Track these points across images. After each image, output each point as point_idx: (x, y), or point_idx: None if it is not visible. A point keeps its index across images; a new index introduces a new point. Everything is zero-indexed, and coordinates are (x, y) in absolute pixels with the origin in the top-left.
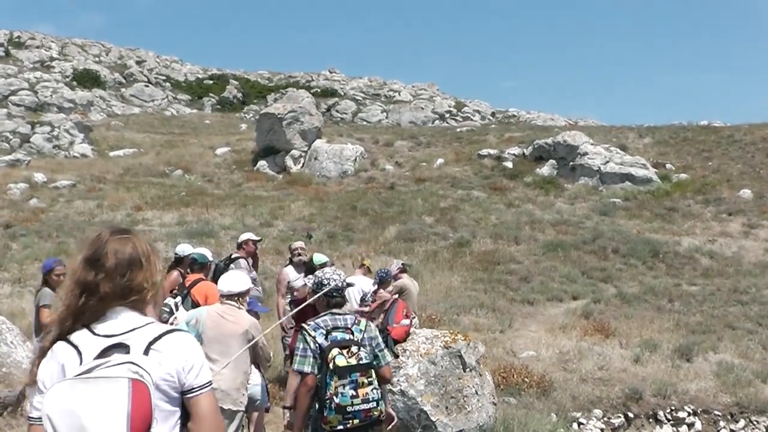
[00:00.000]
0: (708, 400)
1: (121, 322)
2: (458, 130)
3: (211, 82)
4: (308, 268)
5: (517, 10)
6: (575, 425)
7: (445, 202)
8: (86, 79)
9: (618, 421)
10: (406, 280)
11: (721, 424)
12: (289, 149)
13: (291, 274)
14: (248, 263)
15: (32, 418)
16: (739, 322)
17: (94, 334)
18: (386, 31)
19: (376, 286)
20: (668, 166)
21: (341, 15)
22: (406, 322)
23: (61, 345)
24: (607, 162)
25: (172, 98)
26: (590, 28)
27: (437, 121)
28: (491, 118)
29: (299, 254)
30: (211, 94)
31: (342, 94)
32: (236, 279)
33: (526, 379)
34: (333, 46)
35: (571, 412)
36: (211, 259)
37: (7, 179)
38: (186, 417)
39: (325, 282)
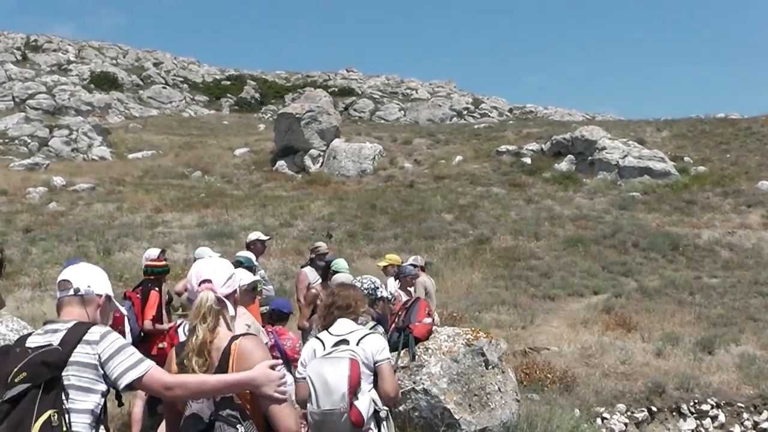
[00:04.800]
0: (731, 393)
1: (345, 327)
2: (476, 126)
3: (228, 82)
4: (325, 269)
5: (534, 3)
6: (599, 420)
7: (464, 200)
8: (104, 81)
9: (641, 415)
10: (424, 278)
11: (745, 416)
12: (307, 149)
13: (311, 275)
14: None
15: (297, 378)
16: (761, 314)
17: (331, 334)
18: (403, 29)
19: (398, 284)
20: (686, 159)
21: (357, 14)
22: (429, 320)
23: (313, 339)
24: (626, 156)
25: (189, 99)
26: (607, 21)
27: (455, 119)
28: (509, 114)
29: (323, 259)
30: (228, 95)
31: (359, 92)
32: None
33: (548, 375)
34: (350, 45)
35: (595, 407)
36: (256, 263)
37: (26, 183)
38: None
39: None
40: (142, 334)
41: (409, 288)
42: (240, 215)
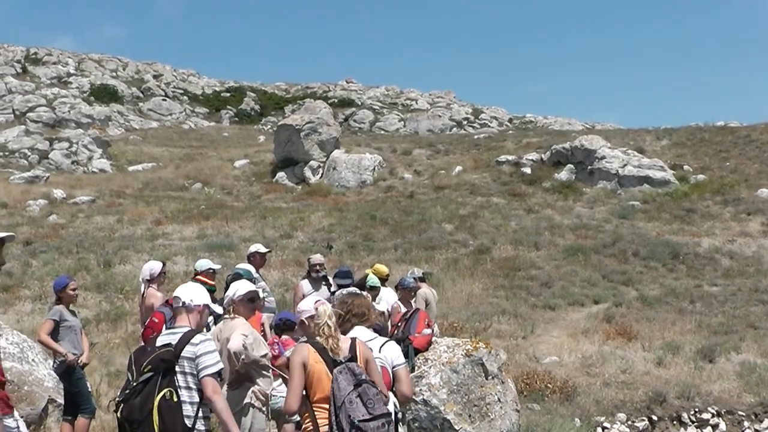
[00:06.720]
0: (732, 401)
1: (363, 335)
2: (476, 137)
3: (228, 94)
4: (359, 285)
5: (533, 12)
6: (599, 429)
7: (464, 210)
8: (104, 94)
9: (642, 424)
10: (425, 289)
11: (746, 424)
12: (307, 160)
13: (306, 287)
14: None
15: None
16: (761, 322)
17: None
18: (402, 40)
19: (398, 297)
20: (686, 167)
21: (356, 25)
22: (428, 331)
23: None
24: (625, 165)
25: (189, 111)
26: (606, 30)
27: (455, 129)
28: (508, 124)
29: (317, 270)
30: (228, 107)
31: (359, 103)
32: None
33: (549, 384)
34: (349, 56)
35: (595, 416)
36: (256, 275)
37: (26, 196)
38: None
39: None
40: None
41: (409, 300)
42: (240, 227)
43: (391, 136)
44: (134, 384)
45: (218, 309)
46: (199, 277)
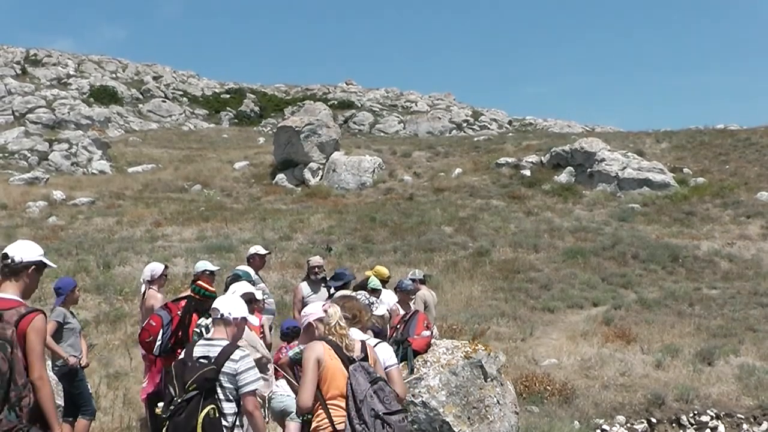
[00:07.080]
0: (730, 404)
1: (356, 337)
2: (476, 139)
3: (228, 96)
4: (360, 287)
5: (534, 14)
6: None
7: (464, 212)
8: (103, 95)
9: (641, 426)
10: (425, 291)
11: (744, 427)
12: (307, 162)
13: (305, 289)
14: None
15: None
16: (760, 325)
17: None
18: (402, 41)
19: (397, 299)
20: (685, 170)
21: (356, 26)
22: (427, 333)
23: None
24: (625, 168)
25: (189, 113)
26: (607, 32)
27: (454, 131)
28: (508, 126)
29: (316, 272)
30: (228, 108)
31: (359, 105)
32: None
33: (548, 387)
34: (349, 57)
35: (594, 418)
36: (256, 277)
37: (25, 197)
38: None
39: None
40: (169, 346)
41: (408, 302)
42: (240, 229)
43: (391, 138)
44: (178, 401)
45: (254, 320)
46: (199, 282)
